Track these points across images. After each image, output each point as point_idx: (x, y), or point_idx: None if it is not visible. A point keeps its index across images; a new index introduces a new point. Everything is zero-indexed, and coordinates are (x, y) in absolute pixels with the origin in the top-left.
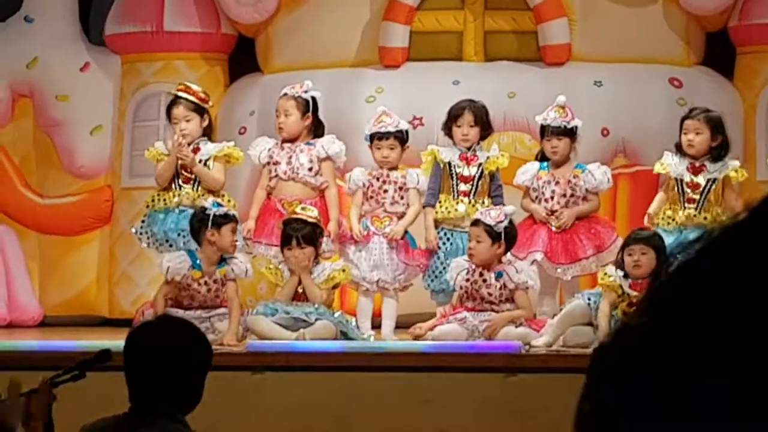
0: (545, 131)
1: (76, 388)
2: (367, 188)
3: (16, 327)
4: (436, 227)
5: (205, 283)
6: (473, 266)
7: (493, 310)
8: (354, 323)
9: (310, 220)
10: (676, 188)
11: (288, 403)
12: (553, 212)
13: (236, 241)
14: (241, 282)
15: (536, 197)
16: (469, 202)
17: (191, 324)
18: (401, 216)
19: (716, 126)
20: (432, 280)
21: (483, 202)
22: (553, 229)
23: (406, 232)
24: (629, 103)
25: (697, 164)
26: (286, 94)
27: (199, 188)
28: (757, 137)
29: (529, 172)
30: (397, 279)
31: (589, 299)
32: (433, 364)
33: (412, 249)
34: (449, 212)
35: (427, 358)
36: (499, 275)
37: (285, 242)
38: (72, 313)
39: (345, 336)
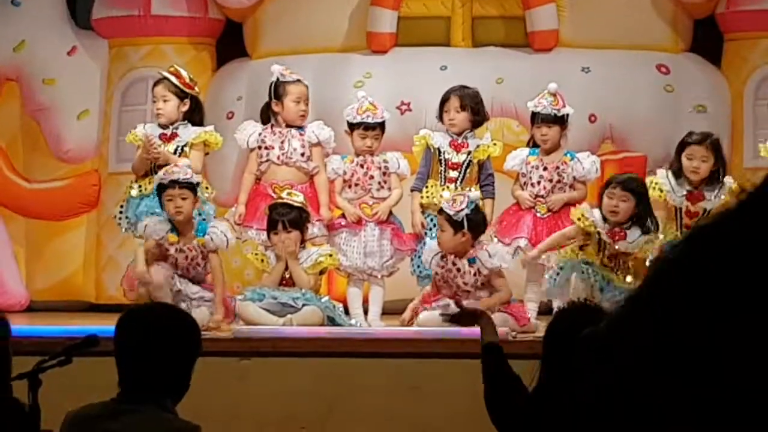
0: (536, 118)
1: (63, 374)
2: (351, 176)
3: (3, 311)
4: (423, 212)
5: (181, 250)
6: (442, 254)
7: (469, 297)
8: (341, 309)
9: (296, 204)
10: (673, 212)
11: (275, 389)
12: (538, 197)
13: (178, 207)
14: (228, 267)
15: (524, 182)
16: (455, 189)
17: (181, 310)
18: None
19: (719, 151)
20: (418, 266)
21: (470, 190)
22: (538, 215)
23: (391, 213)
24: (617, 90)
25: (696, 192)
26: (299, 80)
27: None
28: (744, 124)
29: (518, 157)
30: (385, 266)
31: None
32: (420, 350)
33: (402, 233)
34: (434, 198)
35: (414, 344)
36: (471, 261)
37: (271, 226)
38: (59, 299)
39: (332, 322)
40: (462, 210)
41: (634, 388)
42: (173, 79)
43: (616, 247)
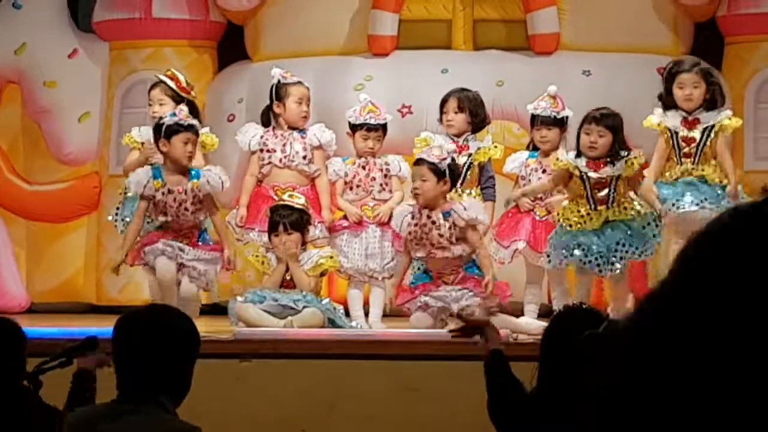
0: (535, 120)
1: (63, 375)
2: (353, 177)
3: (3, 314)
4: None
5: (169, 191)
6: (417, 210)
7: (446, 257)
8: (342, 311)
9: (297, 206)
10: (671, 142)
11: (275, 391)
12: (536, 199)
13: (191, 152)
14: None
15: (523, 185)
16: (456, 191)
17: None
18: None
19: (710, 76)
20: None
21: (470, 192)
22: (537, 217)
23: (392, 216)
24: (618, 93)
25: (691, 118)
26: (301, 82)
27: None
28: (744, 127)
29: (518, 160)
30: (386, 268)
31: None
32: (420, 352)
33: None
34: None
35: (414, 347)
36: (446, 215)
37: (272, 228)
38: (59, 300)
39: (333, 323)
40: (445, 158)
41: (645, 389)
42: (170, 82)
43: (600, 174)
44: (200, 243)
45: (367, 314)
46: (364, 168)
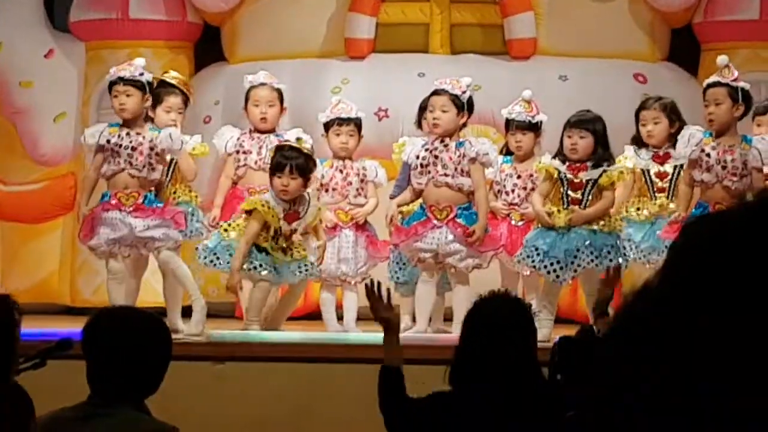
0: (510, 125)
1: (37, 377)
2: (329, 180)
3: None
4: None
5: (127, 135)
6: (431, 141)
7: (447, 185)
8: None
9: (305, 150)
10: (643, 179)
11: (249, 394)
12: (512, 205)
13: (123, 104)
14: (203, 271)
15: (498, 190)
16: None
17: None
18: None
19: (672, 112)
20: (396, 272)
21: None
22: (513, 222)
23: (366, 221)
24: (594, 98)
25: (661, 153)
26: (264, 84)
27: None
28: None
29: None
30: (359, 272)
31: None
32: None
33: (377, 241)
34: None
35: None
36: (459, 144)
37: (276, 168)
38: (34, 301)
39: None
40: (466, 92)
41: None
42: (180, 86)
43: (580, 175)
44: (145, 205)
45: (340, 318)
46: (341, 171)
